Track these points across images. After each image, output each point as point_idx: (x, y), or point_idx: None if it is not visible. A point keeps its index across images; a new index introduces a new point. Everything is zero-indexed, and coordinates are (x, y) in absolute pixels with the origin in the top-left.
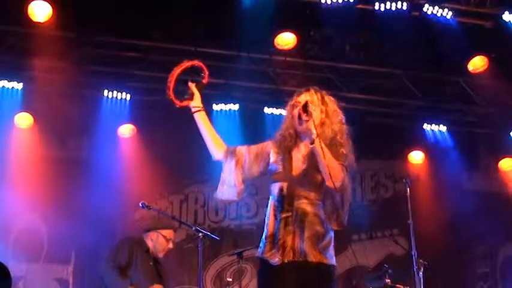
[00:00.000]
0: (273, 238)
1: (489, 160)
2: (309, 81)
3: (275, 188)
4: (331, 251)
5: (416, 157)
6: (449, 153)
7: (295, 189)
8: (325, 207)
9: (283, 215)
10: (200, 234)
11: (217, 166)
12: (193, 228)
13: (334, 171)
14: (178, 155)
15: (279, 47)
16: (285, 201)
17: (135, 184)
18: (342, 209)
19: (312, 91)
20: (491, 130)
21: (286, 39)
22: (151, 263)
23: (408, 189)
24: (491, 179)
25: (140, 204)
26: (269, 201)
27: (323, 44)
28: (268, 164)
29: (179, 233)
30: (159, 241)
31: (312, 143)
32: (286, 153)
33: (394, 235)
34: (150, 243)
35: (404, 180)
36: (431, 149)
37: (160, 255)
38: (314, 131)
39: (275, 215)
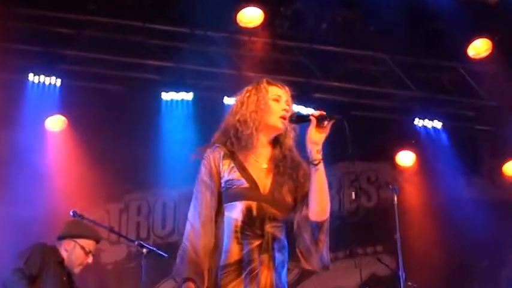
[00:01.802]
0: (239, 267)
1: (492, 163)
2: (278, 66)
3: (238, 207)
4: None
5: (406, 159)
6: (444, 154)
7: (266, 210)
8: (300, 242)
9: (255, 242)
10: (144, 250)
11: (165, 169)
12: (136, 243)
13: (327, 202)
14: (118, 154)
15: (242, 24)
16: (254, 225)
17: (64, 188)
18: (323, 244)
19: (288, 91)
20: (494, 127)
21: (251, 16)
22: (64, 278)
23: (395, 197)
24: (494, 186)
25: (71, 213)
26: (226, 222)
27: (295, 22)
28: (221, 179)
29: (118, 250)
30: (75, 253)
31: (316, 163)
32: (237, 161)
33: (378, 252)
34: (64, 254)
35: (390, 186)
36: (424, 149)
37: (76, 270)
38: (319, 149)
39: (239, 239)
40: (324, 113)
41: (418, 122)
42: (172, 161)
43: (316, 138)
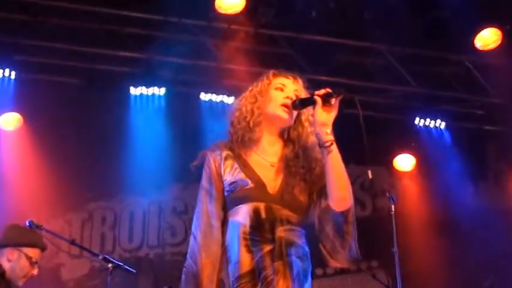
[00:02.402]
0: (253, 277)
1: (501, 167)
2: (262, 58)
3: (245, 210)
4: None
5: (405, 163)
6: (448, 157)
7: (277, 212)
8: (323, 238)
9: (266, 247)
10: (110, 265)
11: (134, 174)
12: (100, 258)
13: (348, 188)
14: (80, 156)
15: (221, 11)
16: (264, 228)
17: (20, 195)
18: (351, 235)
19: (300, 82)
20: (503, 127)
21: (231, 2)
22: None
23: (393, 206)
24: (503, 192)
25: (27, 223)
26: (232, 228)
27: (281, 9)
28: (223, 182)
29: (80, 265)
30: (20, 263)
31: (328, 145)
32: (241, 160)
33: (373, 268)
34: (6, 265)
35: (387, 194)
36: (425, 151)
37: (20, 283)
38: (330, 130)
39: (249, 247)
40: (329, 90)
41: (418, 122)
42: (142, 165)
43: (324, 118)
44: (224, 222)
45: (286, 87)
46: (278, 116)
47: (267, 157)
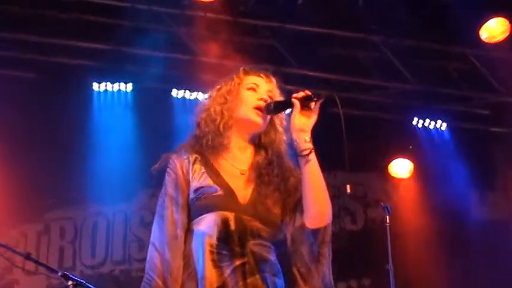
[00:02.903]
0: None
1: (508, 173)
2: (241, 50)
3: (211, 220)
4: None
5: (401, 168)
6: (450, 163)
7: (247, 224)
8: (297, 260)
9: (235, 262)
10: (70, 283)
11: (97, 180)
12: (59, 274)
13: (327, 202)
14: (35, 160)
15: None
16: (233, 241)
17: None
18: (325, 258)
19: (274, 81)
20: None
21: None
22: None
23: (387, 217)
24: (511, 202)
25: None
26: (197, 240)
27: None
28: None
29: (36, 282)
30: None
31: (306, 153)
32: (209, 166)
33: (365, 287)
34: None
35: (381, 204)
36: (424, 156)
37: None
38: (308, 137)
39: (215, 262)
40: (309, 92)
41: (417, 122)
42: (106, 170)
43: (302, 124)
44: (188, 233)
45: (259, 88)
46: (250, 120)
47: (237, 164)
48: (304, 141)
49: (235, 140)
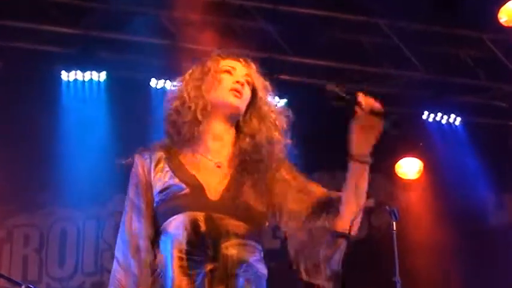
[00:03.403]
0: None
1: None
2: (229, 35)
3: (179, 222)
4: None
5: (409, 168)
6: (464, 161)
7: (220, 223)
8: (308, 257)
9: (207, 268)
10: None
11: (65, 181)
12: (22, 287)
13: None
14: None
15: None
16: (204, 245)
17: None
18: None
19: (253, 67)
20: None
21: None
22: None
23: (394, 223)
24: None
25: None
26: (165, 246)
27: None
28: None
29: None
30: None
31: (367, 160)
32: (174, 162)
33: None
34: None
35: (387, 208)
36: (435, 154)
37: None
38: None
39: (185, 268)
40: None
41: (427, 117)
42: (75, 170)
43: (367, 135)
44: (155, 242)
45: (236, 70)
46: (228, 103)
47: (212, 156)
48: (371, 146)
49: (212, 129)
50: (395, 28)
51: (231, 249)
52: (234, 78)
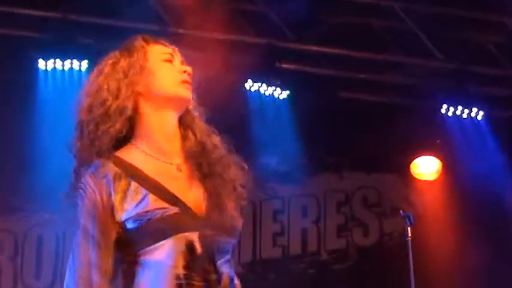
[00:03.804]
0: None
1: None
2: (226, 19)
3: (170, 247)
4: None
5: (426, 168)
6: (487, 160)
7: (214, 240)
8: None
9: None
10: None
11: (43, 183)
12: None
13: None
14: None
15: None
16: (202, 267)
17: None
18: None
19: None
20: None
21: None
22: None
23: (409, 229)
24: None
25: None
26: (155, 275)
27: None
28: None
29: None
30: None
31: None
32: (139, 175)
33: None
34: None
35: (401, 212)
36: (455, 152)
37: None
38: None
39: None
40: None
41: (446, 110)
42: (54, 170)
43: None
44: (118, 274)
45: (174, 59)
46: (180, 96)
47: (168, 159)
48: None
49: (159, 127)
50: (410, 11)
51: (224, 268)
52: (178, 68)
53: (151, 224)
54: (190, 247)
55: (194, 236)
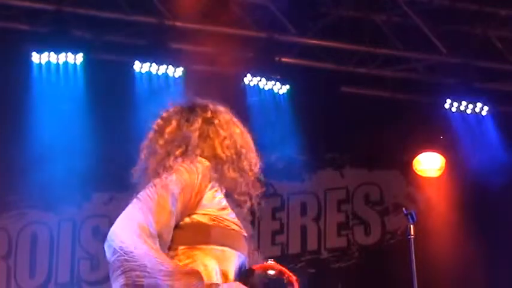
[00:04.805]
0: None
1: None
2: (225, 11)
3: (232, 257)
4: None
5: (430, 164)
6: (492, 156)
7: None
8: None
9: None
10: None
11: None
12: None
13: None
14: None
15: None
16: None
17: None
18: None
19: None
20: None
21: None
22: None
23: (412, 227)
24: None
25: None
26: (210, 270)
27: None
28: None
29: None
30: None
31: None
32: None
33: None
34: None
35: (404, 210)
36: (458, 148)
37: None
38: None
39: None
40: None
41: (450, 106)
42: (49, 167)
43: None
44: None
45: None
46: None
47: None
48: None
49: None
50: (413, 4)
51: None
52: None
53: (227, 230)
54: (240, 267)
55: (244, 259)
